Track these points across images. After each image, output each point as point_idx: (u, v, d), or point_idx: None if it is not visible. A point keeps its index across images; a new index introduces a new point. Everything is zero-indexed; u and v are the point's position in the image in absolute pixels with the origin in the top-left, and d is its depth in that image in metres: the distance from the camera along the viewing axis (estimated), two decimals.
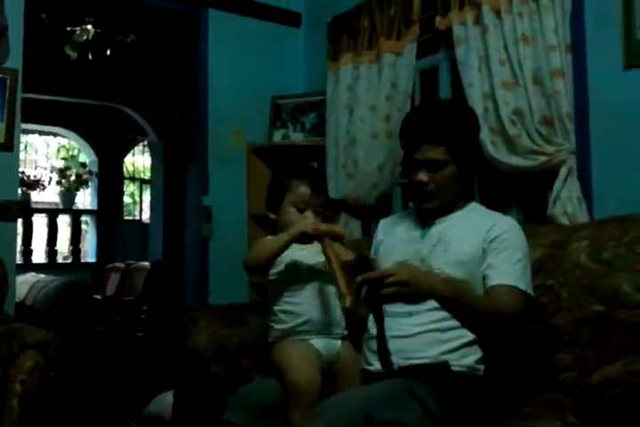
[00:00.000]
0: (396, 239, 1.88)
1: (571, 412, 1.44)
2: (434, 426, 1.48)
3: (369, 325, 1.79)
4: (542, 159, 2.32)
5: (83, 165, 8.16)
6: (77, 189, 8.06)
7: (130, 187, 9.67)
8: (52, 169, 8.40)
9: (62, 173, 7.91)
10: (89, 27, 4.74)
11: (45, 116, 7.30)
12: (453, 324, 1.67)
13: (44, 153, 9.47)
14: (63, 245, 8.41)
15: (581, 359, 1.74)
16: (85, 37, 4.77)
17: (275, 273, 1.79)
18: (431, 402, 1.49)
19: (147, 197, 8.64)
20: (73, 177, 7.92)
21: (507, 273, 1.69)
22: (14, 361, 2.13)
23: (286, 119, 3.60)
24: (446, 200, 1.80)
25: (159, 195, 6.68)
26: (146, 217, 8.69)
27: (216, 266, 3.47)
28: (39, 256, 7.78)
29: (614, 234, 1.81)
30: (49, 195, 8.33)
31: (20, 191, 6.50)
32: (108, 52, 5.07)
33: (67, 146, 9.15)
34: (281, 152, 3.55)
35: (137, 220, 9.37)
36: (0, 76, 2.87)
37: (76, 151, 8.90)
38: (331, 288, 1.77)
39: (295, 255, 1.78)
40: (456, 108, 1.92)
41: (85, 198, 8.65)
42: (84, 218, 8.42)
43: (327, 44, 3.33)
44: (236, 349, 2.19)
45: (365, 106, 3.07)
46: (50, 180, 7.96)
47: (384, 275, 1.49)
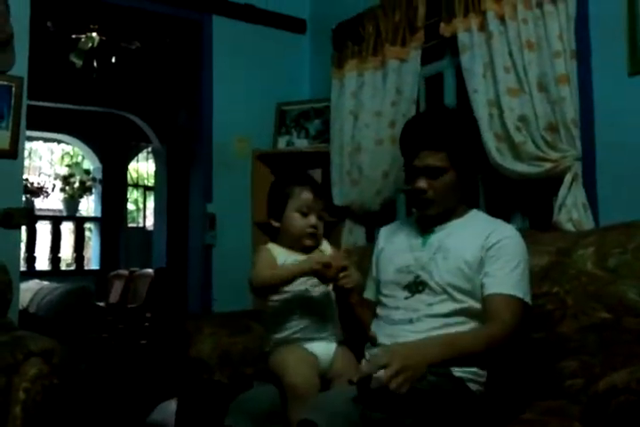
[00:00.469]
0: (397, 247, 1.88)
1: (577, 420, 1.43)
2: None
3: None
4: (547, 166, 2.32)
5: (86, 172, 8.17)
6: (81, 196, 8.08)
7: (133, 194, 9.69)
8: (56, 176, 8.42)
9: (66, 180, 7.93)
10: (94, 34, 4.77)
11: (50, 123, 7.33)
12: (456, 330, 1.67)
13: (48, 160, 9.50)
14: (67, 252, 8.42)
15: (587, 367, 1.73)
16: (90, 45, 4.80)
17: None
18: (429, 404, 1.48)
19: (150, 204, 8.65)
20: (77, 184, 7.93)
21: (503, 281, 1.69)
22: (18, 369, 2.12)
23: (291, 126, 3.60)
24: (446, 207, 1.79)
25: (163, 202, 6.68)
26: (149, 224, 8.69)
27: (220, 273, 3.46)
28: (43, 263, 7.78)
29: (620, 241, 1.80)
30: (53, 202, 8.34)
31: (24, 198, 6.51)
32: (113, 60, 5.09)
33: (71, 153, 9.18)
34: (286, 159, 3.55)
35: (141, 227, 9.38)
36: (6, 83, 2.88)
37: (80, 158, 8.92)
38: (327, 295, 1.79)
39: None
40: (455, 114, 1.92)
41: (89, 205, 8.67)
42: (88, 225, 8.44)
43: (332, 51, 3.34)
44: (240, 357, 2.18)
45: (370, 112, 3.07)
46: (54, 187, 7.98)
47: (379, 369, 1.40)
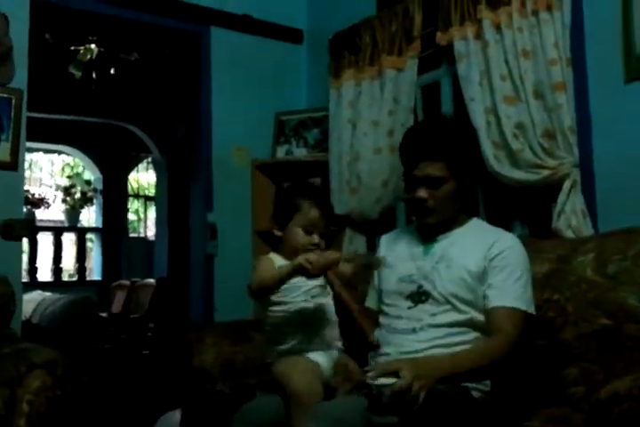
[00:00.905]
0: (398, 256, 1.88)
1: None
2: None
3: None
4: (545, 173, 2.33)
5: (87, 183, 8.19)
6: (82, 207, 8.09)
7: (134, 204, 9.69)
8: (57, 187, 8.43)
9: (67, 191, 7.95)
10: (92, 46, 4.79)
11: (50, 134, 7.34)
12: (458, 340, 1.68)
13: (49, 171, 9.51)
14: (68, 262, 8.42)
15: (589, 374, 1.73)
16: (89, 56, 4.82)
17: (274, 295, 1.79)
18: (432, 411, 1.47)
19: (151, 214, 8.66)
20: (78, 195, 7.95)
21: (506, 294, 1.70)
22: (22, 382, 2.13)
23: (289, 135, 3.62)
24: (447, 216, 1.80)
25: (164, 212, 6.68)
26: (151, 234, 8.70)
27: (221, 283, 3.46)
28: (45, 274, 7.78)
29: (619, 247, 1.81)
30: (54, 213, 8.35)
31: (25, 209, 6.52)
32: (112, 71, 5.11)
33: (71, 164, 9.19)
34: (285, 168, 3.57)
35: (142, 237, 9.39)
36: (5, 95, 2.90)
37: (81, 169, 8.94)
38: (326, 306, 1.79)
39: (291, 280, 1.74)
40: (454, 124, 1.93)
41: (90, 216, 8.68)
42: (89, 236, 8.44)
43: (329, 61, 3.35)
44: (243, 366, 2.18)
45: (368, 121, 3.08)
46: (54, 198, 7.99)
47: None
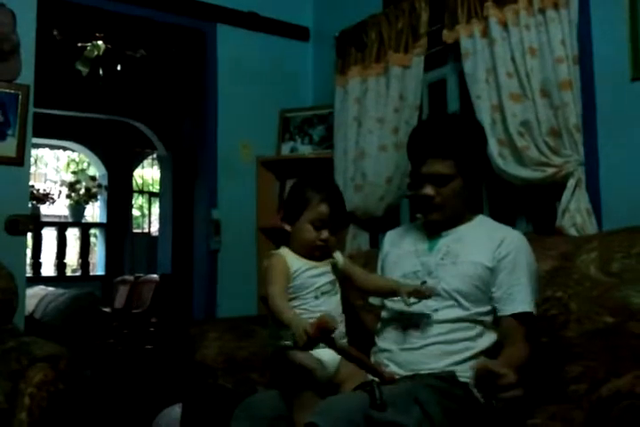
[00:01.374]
0: (403, 252, 1.88)
1: (581, 425, 1.43)
2: None
3: (376, 339, 1.81)
4: (550, 171, 2.33)
5: (92, 179, 8.20)
6: (87, 203, 8.10)
7: (139, 200, 9.72)
8: (62, 183, 8.45)
9: (72, 187, 7.96)
10: (99, 43, 4.79)
11: (56, 130, 7.36)
12: (462, 336, 1.68)
13: (54, 167, 9.55)
14: (72, 258, 8.45)
15: (591, 371, 1.73)
16: (96, 53, 4.82)
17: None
18: (434, 409, 1.49)
19: (155, 210, 8.68)
20: (82, 190, 7.96)
21: (520, 299, 1.71)
22: (24, 375, 2.13)
23: (294, 132, 3.62)
24: (453, 213, 1.80)
25: (168, 208, 6.69)
26: (154, 230, 8.72)
27: (225, 279, 3.47)
28: (48, 269, 7.81)
29: (623, 245, 1.81)
30: (58, 208, 8.38)
31: (30, 205, 6.54)
32: (119, 68, 5.12)
33: (76, 160, 9.22)
34: (290, 165, 3.57)
35: (146, 233, 9.40)
36: (12, 91, 2.90)
37: (86, 165, 8.96)
38: (335, 303, 1.77)
39: (303, 276, 1.73)
40: (463, 121, 1.93)
41: (94, 211, 8.70)
42: (93, 231, 8.46)
43: (335, 58, 3.36)
44: (245, 361, 2.18)
45: (373, 118, 3.08)
46: (59, 193, 8.01)
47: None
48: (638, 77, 2.20)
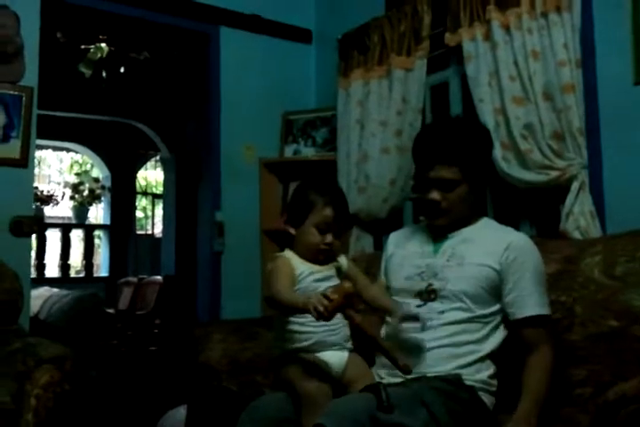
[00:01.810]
0: (408, 253, 1.88)
1: None
2: None
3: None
4: (554, 174, 2.33)
5: (96, 180, 8.22)
6: (90, 204, 8.12)
7: (142, 201, 9.73)
8: (66, 184, 8.47)
9: (75, 188, 7.98)
10: (103, 45, 4.81)
11: (59, 132, 7.38)
12: (467, 339, 1.68)
13: (58, 168, 9.56)
14: (76, 259, 8.46)
15: (596, 375, 1.73)
16: (99, 55, 4.83)
17: None
18: (440, 410, 1.49)
19: (159, 212, 8.69)
20: (86, 192, 7.98)
21: (533, 302, 1.71)
22: (30, 376, 2.14)
23: (297, 134, 3.63)
24: (458, 217, 1.81)
25: (171, 209, 6.71)
26: (158, 231, 8.73)
27: (229, 281, 3.48)
28: (52, 270, 7.82)
29: (627, 249, 1.81)
30: (62, 209, 8.39)
31: (34, 206, 6.55)
32: (122, 70, 5.13)
33: (80, 161, 9.23)
34: (293, 167, 3.58)
35: (149, 234, 9.42)
36: (16, 93, 2.92)
37: (90, 166, 8.98)
38: None
39: (307, 280, 1.74)
40: (469, 126, 1.93)
41: (98, 213, 8.72)
42: (97, 232, 8.48)
43: (338, 60, 3.36)
44: (250, 363, 2.19)
45: (376, 121, 3.09)
46: (63, 195, 8.03)
47: None
48: None
